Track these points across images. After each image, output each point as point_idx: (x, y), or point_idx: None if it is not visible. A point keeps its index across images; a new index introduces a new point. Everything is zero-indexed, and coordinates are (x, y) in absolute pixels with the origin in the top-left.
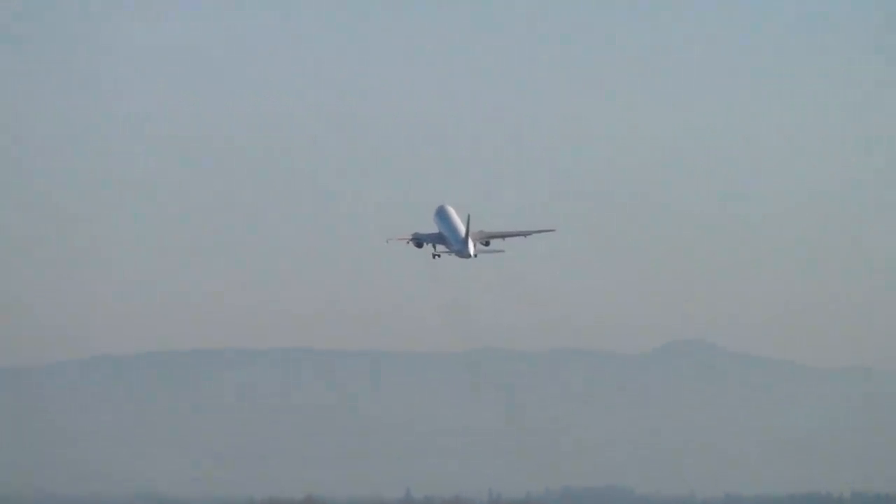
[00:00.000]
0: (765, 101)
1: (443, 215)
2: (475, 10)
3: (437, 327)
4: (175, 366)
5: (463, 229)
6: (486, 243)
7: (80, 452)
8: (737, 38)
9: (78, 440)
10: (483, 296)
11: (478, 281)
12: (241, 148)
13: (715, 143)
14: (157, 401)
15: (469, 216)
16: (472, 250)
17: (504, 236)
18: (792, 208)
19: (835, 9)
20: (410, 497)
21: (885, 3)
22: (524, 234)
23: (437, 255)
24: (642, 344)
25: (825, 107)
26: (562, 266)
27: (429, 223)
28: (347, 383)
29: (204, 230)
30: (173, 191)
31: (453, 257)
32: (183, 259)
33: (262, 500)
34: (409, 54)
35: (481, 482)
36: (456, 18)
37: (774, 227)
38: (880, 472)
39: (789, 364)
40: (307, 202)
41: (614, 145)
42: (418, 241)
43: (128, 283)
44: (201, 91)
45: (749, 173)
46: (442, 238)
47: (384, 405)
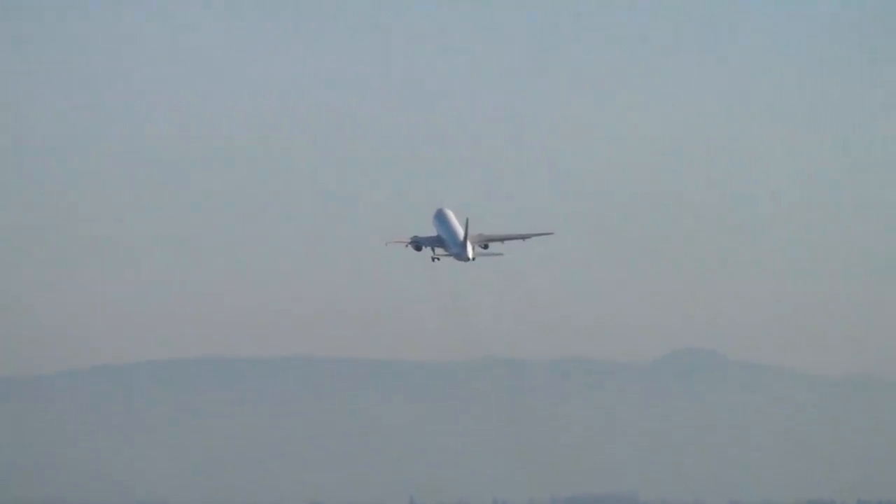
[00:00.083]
0: (773, 103)
1: (441, 218)
2: (474, 12)
3: (439, 335)
4: (177, 375)
5: (462, 232)
6: (485, 246)
7: (82, 462)
8: (738, 39)
9: (79, 450)
10: (484, 303)
11: (478, 287)
12: (240, 149)
13: (720, 147)
14: (157, 410)
15: (468, 219)
16: (470, 253)
17: (503, 239)
18: (799, 215)
19: (835, 10)
20: None
21: (886, 3)
22: (523, 238)
23: (437, 258)
24: (646, 353)
25: (836, 111)
26: (562, 273)
27: (428, 226)
28: (351, 391)
29: (203, 235)
30: (173, 195)
31: (452, 260)
32: (182, 266)
33: None
34: (408, 56)
35: (485, 490)
36: (455, 20)
37: (781, 233)
38: (885, 479)
39: (794, 373)
40: (306, 204)
41: (615, 148)
42: (417, 244)
43: (127, 292)
44: (201, 93)
45: (755, 178)
46: (441, 241)
47: (387, 414)
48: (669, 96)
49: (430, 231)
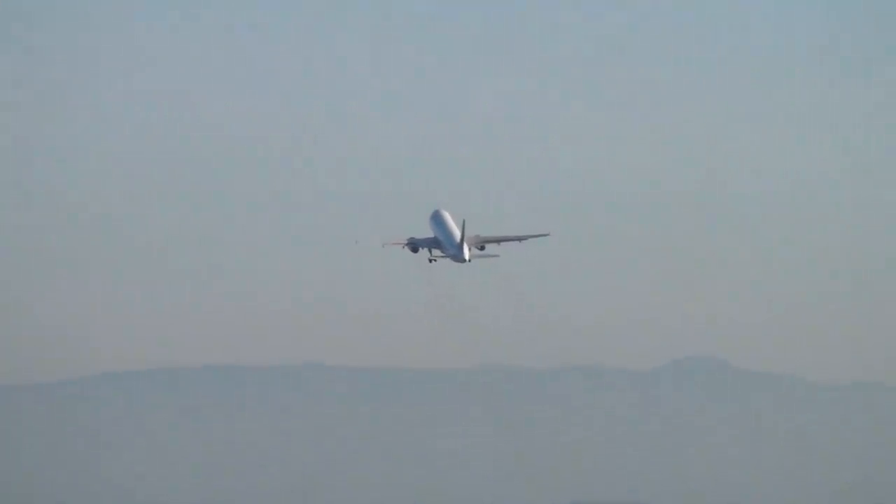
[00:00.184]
0: (776, 106)
1: (438, 220)
2: (473, 13)
3: (439, 341)
4: (177, 383)
5: (458, 234)
6: (482, 248)
7: (87, 470)
8: (739, 41)
9: (84, 458)
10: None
11: (475, 292)
12: (240, 149)
13: (725, 148)
14: (165, 417)
15: (464, 221)
16: (467, 255)
17: (499, 241)
18: (803, 221)
19: (834, 9)
20: None
21: (885, 3)
22: (519, 239)
23: (434, 260)
24: (648, 360)
25: (841, 115)
26: (560, 277)
27: (424, 228)
28: (355, 400)
29: (202, 237)
30: (173, 199)
31: (449, 262)
32: (184, 273)
33: None
34: (406, 56)
35: (489, 499)
36: (455, 20)
37: (785, 239)
38: (891, 486)
39: (798, 380)
40: (305, 204)
41: (613, 149)
42: (414, 246)
43: (133, 299)
44: (201, 94)
45: (758, 184)
46: (437, 242)
47: (390, 421)
48: (670, 96)
49: (427, 232)
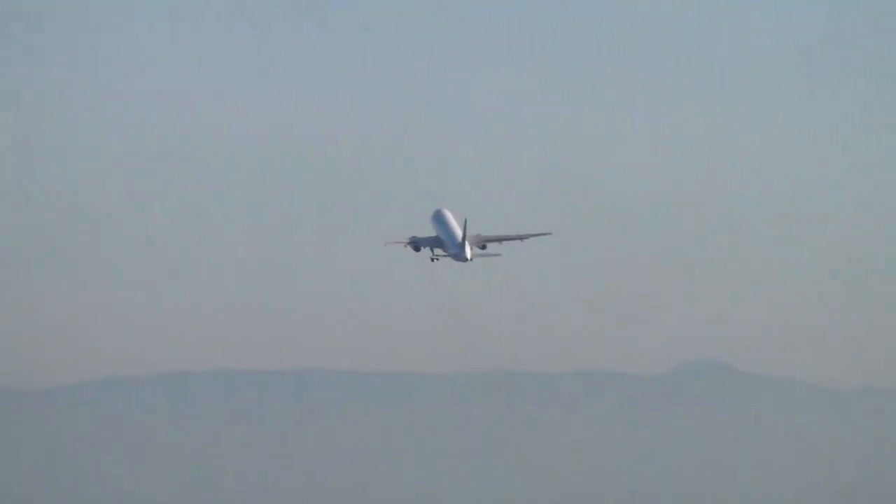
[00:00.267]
0: (779, 107)
1: (440, 219)
2: (472, 12)
3: (444, 345)
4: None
5: (460, 233)
6: (483, 247)
7: (92, 475)
8: (739, 41)
9: (91, 463)
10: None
11: (478, 295)
12: (240, 151)
13: (727, 149)
14: (171, 423)
15: (466, 220)
16: (468, 254)
17: (500, 240)
18: (814, 225)
19: (834, 9)
20: None
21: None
22: (521, 238)
23: (436, 259)
24: (656, 365)
25: (842, 117)
26: (563, 278)
27: (426, 227)
28: (358, 405)
29: (201, 238)
30: (173, 200)
31: (451, 261)
32: (187, 275)
33: None
34: (407, 55)
35: None
36: (453, 21)
37: (796, 243)
38: None
39: (810, 386)
40: (304, 205)
41: (619, 147)
42: (416, 245)
43: (137, 301)
44: (201, 95)
45: (763, 186)
46: (439, 241)
47: (393, 427)
48: (671, 97)
49: (429, 232)
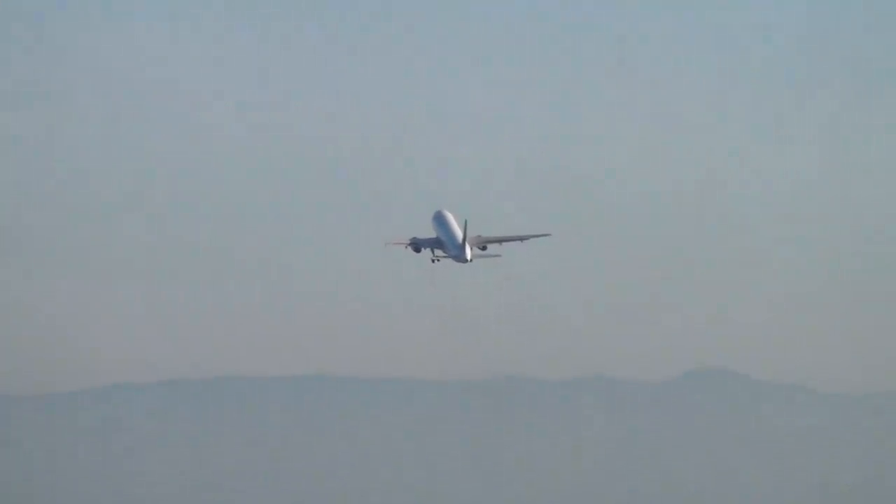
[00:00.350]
0: (779, 108)
1: (440, 220)
2: (472, 12)
3: (446, 350)
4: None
5: (460, 234)
6: (483, 248)
7: (96, 481)
8: (739, 41)
9: (94, 470)
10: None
11: (479, 298)
12: (240, 152)
13: (728, 150)
14: (176, 430)
15: (466, 221)
16: (469, 255)
17: (501, 241)
18: (821, 231)
19: (834, 10)
20: None
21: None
22: (521, 239)
23: (437, 259)
24: (661, 372)
25: (847, 121)
26: (564, 280)
27: (427, 228)
28: (359, 411)
29: (200, 239)
30: (174, 201)
31: (451, 263)
32: (188, 276)
33: None
34: (406, 55)
35: None
36: (453, 21)
37: (802, 248)
38: None
39: (818, 393)
40: (303, 205)
41: (619, 148)
42: (416, 246)
43: (137, 304)
44: (201, 96)
45: (767, 186)
46: (440, 243)
47: (393, 433)
48: (671, 97)
49: (430, 233)
